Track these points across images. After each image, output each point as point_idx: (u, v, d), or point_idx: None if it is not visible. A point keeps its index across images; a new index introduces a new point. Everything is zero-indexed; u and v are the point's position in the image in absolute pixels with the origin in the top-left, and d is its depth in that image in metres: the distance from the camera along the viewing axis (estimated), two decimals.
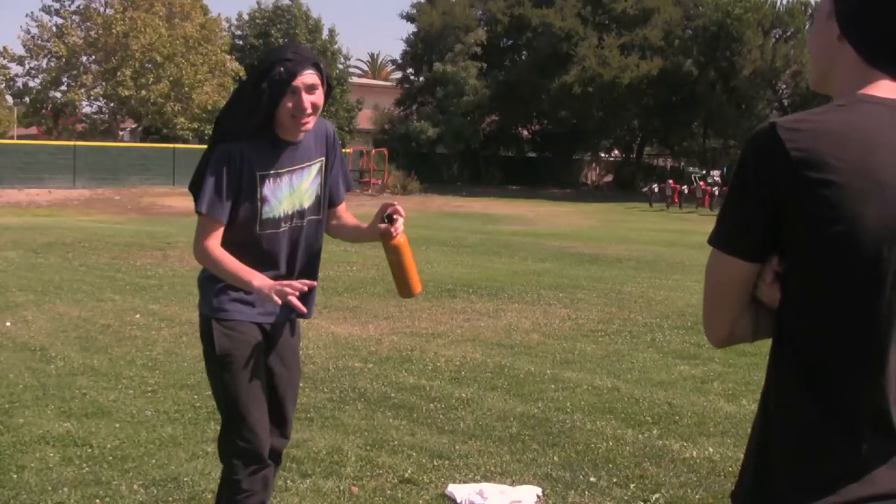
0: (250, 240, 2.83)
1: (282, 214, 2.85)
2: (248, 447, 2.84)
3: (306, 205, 2.92)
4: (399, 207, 2.92)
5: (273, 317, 2.93)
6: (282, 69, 2.66)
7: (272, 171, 2.80)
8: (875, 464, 1.29)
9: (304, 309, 2.81)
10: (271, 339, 2.96)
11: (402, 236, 2.94)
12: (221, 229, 2.77)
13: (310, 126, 2.80)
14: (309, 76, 2.70)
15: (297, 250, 2.96)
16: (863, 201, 1.23)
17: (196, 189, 2.79)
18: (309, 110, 2.72)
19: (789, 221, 1.27)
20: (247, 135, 2.75)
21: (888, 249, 1.24)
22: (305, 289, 2.67)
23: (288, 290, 2.62)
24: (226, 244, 2.79)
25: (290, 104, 2.70)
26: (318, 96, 2.74)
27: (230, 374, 2.82)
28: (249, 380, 2.84)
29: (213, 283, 2.86)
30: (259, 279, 2.70)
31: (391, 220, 2.90)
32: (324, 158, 2.95)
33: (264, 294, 2.65)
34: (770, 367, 1.38)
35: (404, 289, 3.01)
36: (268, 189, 2.80)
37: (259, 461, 2.86)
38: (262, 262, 2.85)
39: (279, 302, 2.63)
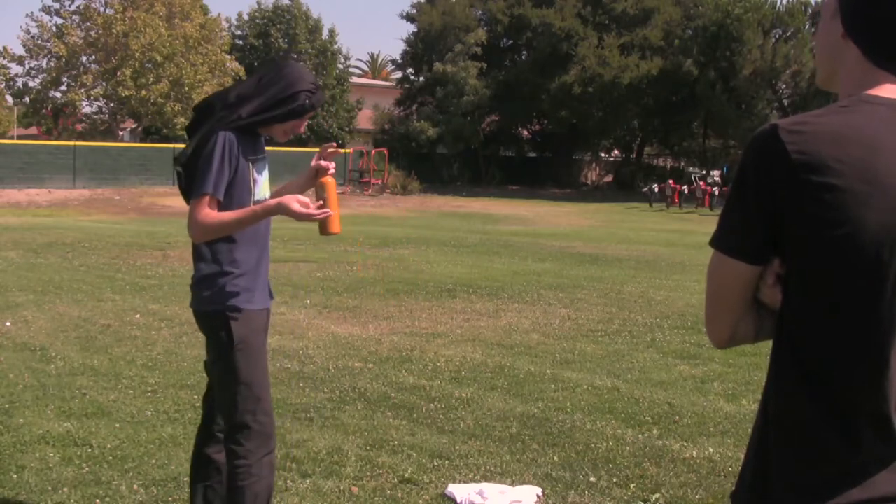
0: None
1: (263, 198, 3.05)
2: (263, 430, 2.96)
3: (271, 190, 3.16)
4: (332, 152, 3.17)
5: (269, 302, 3.10)
6: (308, 101, 2.98)
7: (253, 157, 3.01)
8: (875, 467, 1.28)
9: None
10: (266, 321, 3.12)
11: (330, 177, 3.13)
12: (216, 206, 2.90)
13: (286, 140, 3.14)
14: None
15: (268, 236, 3.13)
16: (864, 205, 1.23)
17: (191, 169, 2.93)
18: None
19: (790, 224, 1.27)
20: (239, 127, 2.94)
21: (889, 253, 1.24)
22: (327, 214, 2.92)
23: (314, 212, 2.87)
24: None
25: (291, 126, 3.04)
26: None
27: (245, 360, 2.94)
28: (261, 365, 3.00)
29: (217, 278, 2.97)
30: (275, 201, 2.88)
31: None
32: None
33: (294, 209, 2.82)
34: (770, 368, 1.37)
35: (325, 226, 3.07)
36: (255, 172, 3.01)
37: (268, 445, 2.98)
38: (255, 244, 3.01)
39: (313, 215, 2.85)
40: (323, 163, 3.12)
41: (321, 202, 3.03)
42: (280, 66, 3.09)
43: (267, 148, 3.17)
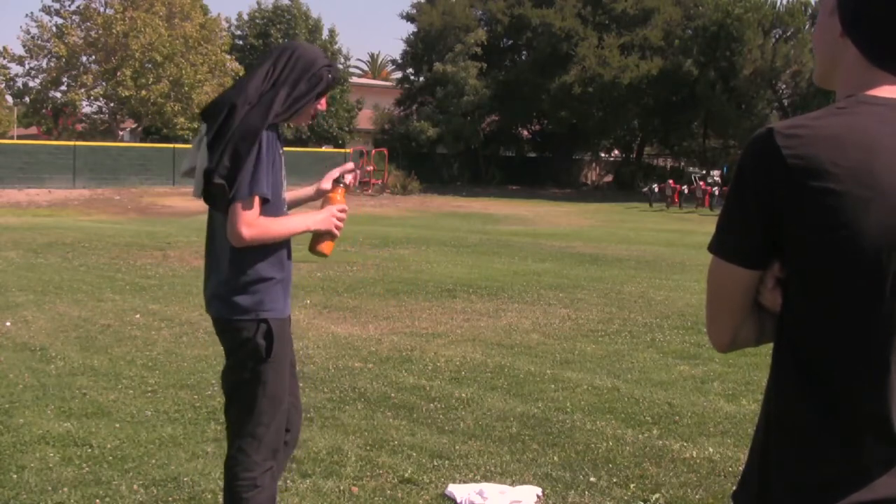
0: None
1: (286, 194, 2.98)
2: (273, 445, 2.90)
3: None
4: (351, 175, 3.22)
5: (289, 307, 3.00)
6: (330, 77, 2.88)
7: (280, 152, 2.89)
8: (876, 470, 1.28)
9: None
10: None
11: (339, 194, 3.11)
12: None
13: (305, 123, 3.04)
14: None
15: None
16: (863, 209, 1.22)
17: (233, 174, 2.71)
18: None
19: (788, 228, 1.27)
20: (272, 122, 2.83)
21: (888, 256, 1.23)
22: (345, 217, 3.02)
23: (341, 216, 2.98)
24: None
25: (314, 107, 2.94)
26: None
27: (274, 373, 2.85)
28: (286, 378, 2.92)
29: (257, 284, 2.80)
30: (308, 219, 2.93)
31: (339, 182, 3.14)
32: None
33: (323, 227, 2.93)
34: (771, 369, 1.37)
35: (315, 243, 3.02)
36: (284, 169, 2.91)
37: (275, 458, 2.93)
38: (287, 247, 2.91)
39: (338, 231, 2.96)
40: (338, 172, 3.09)
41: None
42: (286, 49, 2.92)
43: None
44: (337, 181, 3.09)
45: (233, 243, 2.76)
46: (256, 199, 2.73)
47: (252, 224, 2.72)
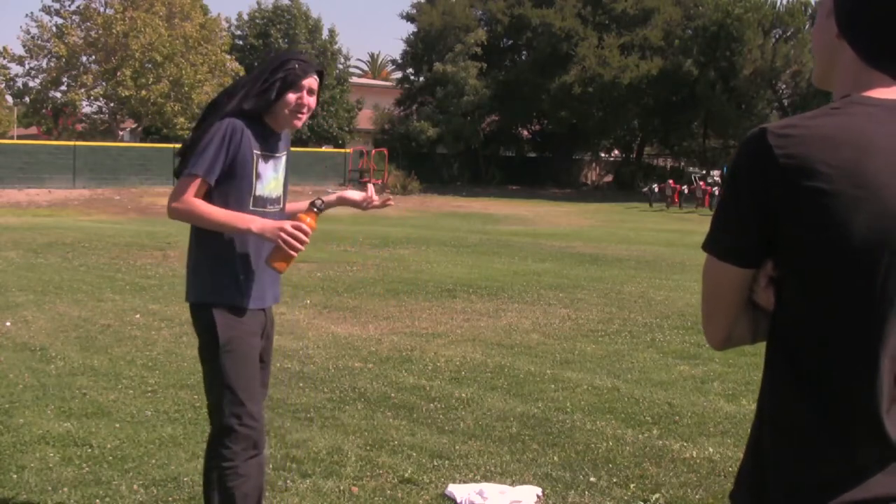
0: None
1: (268, 195, 3.00)
2: (249, 433, 2.91)
3: (281, 192, 3.10)
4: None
5: (266, 302, 3.03)
6: (296, 66, 2.93)
7: (264, 153, 2.97)
8: (870, 469, 1.28)
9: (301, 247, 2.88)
10: (263, 323, 3.07)
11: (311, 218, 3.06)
12: (204, 191, 2.87)
13: (300, 124, 3.05)
14: (314, 81, 2.99)
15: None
16: (854, 208, 1.22)
17: (189, 153, 2.90)
18: (307, 110, 2.99)
19: (781, 227, 1.27)
20: (246, 116, 2.92)
21: (879, 256, 1.24)
22: (303, 237, 2.83)
23: (293, 233, 2.80)
24: None
25: (292, 99, 2.94)
26: (314, 101, 3.01)
27: (231, 361, 2.89)
28: (249, 370, 2.94)
29: (211, 268, 2.92)
30: (256, 222, 2.84)
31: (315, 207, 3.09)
32: (286, 154, 3.14)
33: (268, 234, 2.82)
34: (765, 369, 1.38)
35: (274, 255, 2.93)
36: (261, 167, 2.96)
37: (256, 447, 2.94)
38: (251, 243, 2.93)
39: (291, 249, 2.81)
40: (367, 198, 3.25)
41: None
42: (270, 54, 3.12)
43: None
44: (311, 206, 3.00)
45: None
46: (195, 180, 2.83)
47: (181, 201, 2.84)
